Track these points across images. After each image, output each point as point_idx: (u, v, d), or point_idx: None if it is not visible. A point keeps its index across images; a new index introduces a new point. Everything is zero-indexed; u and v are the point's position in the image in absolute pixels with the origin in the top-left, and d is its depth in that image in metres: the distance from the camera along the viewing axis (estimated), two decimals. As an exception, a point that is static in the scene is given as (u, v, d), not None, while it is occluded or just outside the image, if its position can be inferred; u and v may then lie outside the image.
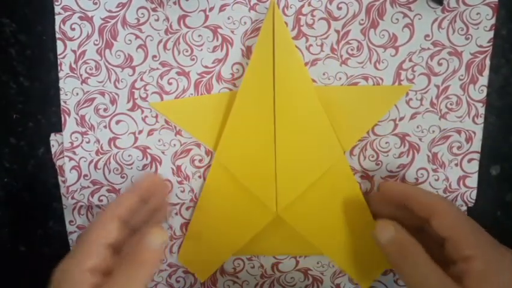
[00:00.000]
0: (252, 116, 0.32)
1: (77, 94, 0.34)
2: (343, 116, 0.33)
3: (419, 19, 0.32)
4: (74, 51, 0.33)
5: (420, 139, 0.33)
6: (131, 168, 0.35)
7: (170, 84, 0.33)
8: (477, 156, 0.33)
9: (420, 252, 0.27)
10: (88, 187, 0.35)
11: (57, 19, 0.33)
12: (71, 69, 0.33)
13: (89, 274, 0.27)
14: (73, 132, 0.34)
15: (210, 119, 0.34)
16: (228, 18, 0.32)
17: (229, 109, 0.33)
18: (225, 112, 0.33)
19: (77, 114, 0.34)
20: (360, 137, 0.33)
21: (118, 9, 0.32)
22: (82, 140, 0.34)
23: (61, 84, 0.34)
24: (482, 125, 0.33)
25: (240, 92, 0.32)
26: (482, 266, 0.25)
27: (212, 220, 0.35)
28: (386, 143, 0.34)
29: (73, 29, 0.33)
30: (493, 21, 0.31)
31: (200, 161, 0.35)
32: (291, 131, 0.32)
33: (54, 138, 0.35)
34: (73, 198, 0.35)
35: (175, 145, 0.34)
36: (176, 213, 0.36)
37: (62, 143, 0.35)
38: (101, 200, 0.35)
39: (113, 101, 0.34)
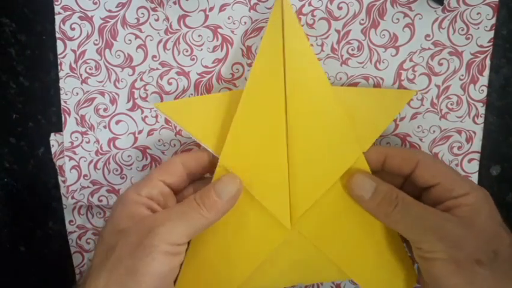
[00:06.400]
0: (261, 116, 0.30)
1: (77, 94, 0.34)
2: (357, 117, 0.31)
3: (420, 19, 0.32)
4: (74, 51, 0.33)
5: (421, 139, 0.33)
6: (131, 169, 0.35)
7: (170, 84, 0.33)
8: (477, 156, 0.33)
9: (406, 196, 0.28)
10: (88, 187, 0.35)
11: (57, 19, 0.32)
12: (71, 69, 0.33)
13: (145, 198, 0.28)
14: (73, 132, 0.34)
15: (219, 120, 0.31)
16: (228, 18, 0.32)
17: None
18: (234, 113, 0.30)
19: (77, 114, 0.34)
20: (376, 138, 0.31)
21: (118, 9, 0.32)
22: (82, 140, 0.34)
23: (61, 84, 0.33)
24: (483, 125, 0.33)
25: (247, 91, 0.30)
26: (473, 199, 0.27)
27: (212, 242, 0.30)
28: (387, 143, 0.34)
29: (73, 29, 0.33)
30: (494, 21, 0.31)
31: (200, 161, 0.34)
32: (305, 132, 0.30)
33: (54, 138, 0.35)
34: (72, 198, 0.35)
35: (175, 145, 0.34)
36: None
37: (62, 143, 0.35)
38: (101, 200, 0.35)
39: (113, 101, 0.34)
